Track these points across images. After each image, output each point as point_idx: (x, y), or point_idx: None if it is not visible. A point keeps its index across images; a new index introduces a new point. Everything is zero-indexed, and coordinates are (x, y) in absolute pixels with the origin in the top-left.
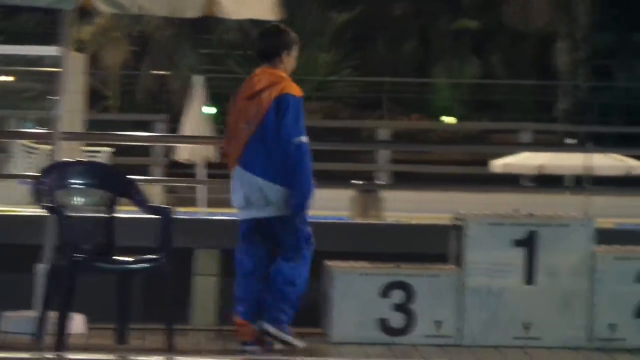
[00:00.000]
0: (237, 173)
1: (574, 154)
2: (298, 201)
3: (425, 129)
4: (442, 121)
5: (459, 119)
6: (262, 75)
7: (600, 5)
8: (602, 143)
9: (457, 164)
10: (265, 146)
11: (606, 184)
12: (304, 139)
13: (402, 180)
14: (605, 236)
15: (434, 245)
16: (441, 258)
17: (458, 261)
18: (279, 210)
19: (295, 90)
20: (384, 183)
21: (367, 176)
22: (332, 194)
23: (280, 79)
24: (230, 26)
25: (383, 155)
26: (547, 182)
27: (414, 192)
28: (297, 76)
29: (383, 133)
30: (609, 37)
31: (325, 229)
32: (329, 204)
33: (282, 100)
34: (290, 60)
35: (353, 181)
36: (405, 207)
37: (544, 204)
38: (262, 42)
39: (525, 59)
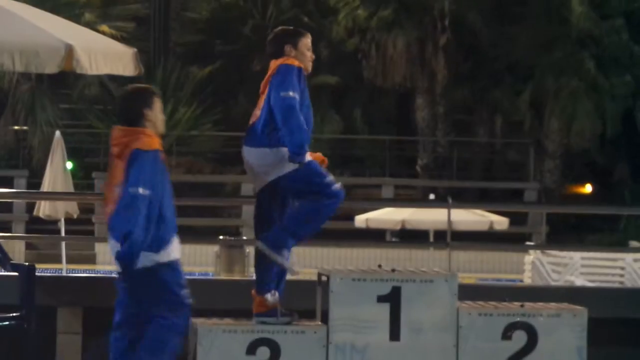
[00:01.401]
0: None
1: (436, 209)
2: None
3: None
4: None
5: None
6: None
7: (457, 60)
8: (462, 198)
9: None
10: None
11: (468, 239)
12: None
13: None
14: (468, 292)
15: (301, 301)
16: (308, 314)
17: (323, 317)
18: None
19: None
20: (248, 238)
21: (232, 231)
22: (197, 249)
23: None
24: (91, 81)
25: (247, 210)
26: (411, 236)
27: None
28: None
29: (246, 188)
30: (467, 92)
31: (191, 285)
32: (194, 260)
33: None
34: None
35: (221, 237)
36: None
37: (408, 258)
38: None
39: (385, 114)
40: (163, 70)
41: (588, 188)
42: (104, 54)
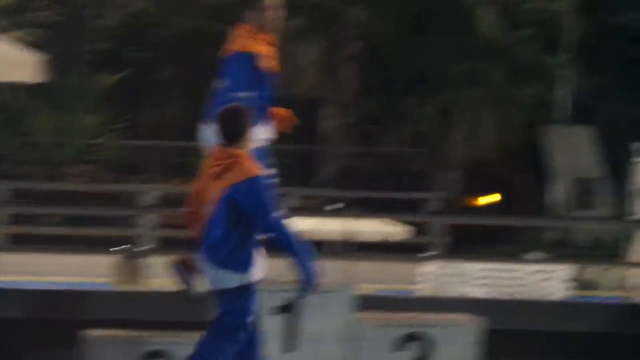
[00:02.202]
0: None
1: (339, 219)
2: None
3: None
4: None
5: None
6: None
7: (367, 70)
8: (367, 207)
9: None
10: None
11: (370, 249)
12: None
13: (167, 246)
14: (367, 302)
15: (197, 312)
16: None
17: None
18: None
19: None
20: (147, 248)
21: (130, 241)
22: (97, 259)
23: None
24: None
25: (148, 219)
26: (315, 246)
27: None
28: (59, 139)
29: (148, 197)
30: (376, 102)
31: (85, 296)
32: (89, 271)
33: None
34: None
35: (123, 247)
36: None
37: None
38: None
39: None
40: (72, 77)
41: (492, 198)
42: (2, 61)
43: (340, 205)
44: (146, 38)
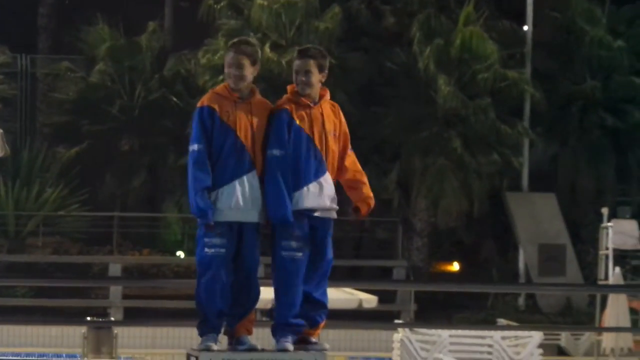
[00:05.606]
0: None
1: None
2: None
3: (157, 263)
4: (176, 256)
5: (191, 253)
6: None
7: None
8: (331, 276)
9: (190, 299)
10: None
11: (337, 317)
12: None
13: (135, 316)
14: None
15: None
16: None
17: None
18: None
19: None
20: (116, 320)
21: (100, 312)
22: (64, 330)
23: None
24: None
25: (115, 290)
26: None
27: (148, 328)
28: (23, 212)
29: (114, 268)
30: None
31: None
32: (61, 341)
33: None
34: None
35: (88, 318)
36: (139, 343)
37: None
38: None
39: None
40: (29, 151)
41: (455, 266)
42: None
43: None
44: (104, 110)
